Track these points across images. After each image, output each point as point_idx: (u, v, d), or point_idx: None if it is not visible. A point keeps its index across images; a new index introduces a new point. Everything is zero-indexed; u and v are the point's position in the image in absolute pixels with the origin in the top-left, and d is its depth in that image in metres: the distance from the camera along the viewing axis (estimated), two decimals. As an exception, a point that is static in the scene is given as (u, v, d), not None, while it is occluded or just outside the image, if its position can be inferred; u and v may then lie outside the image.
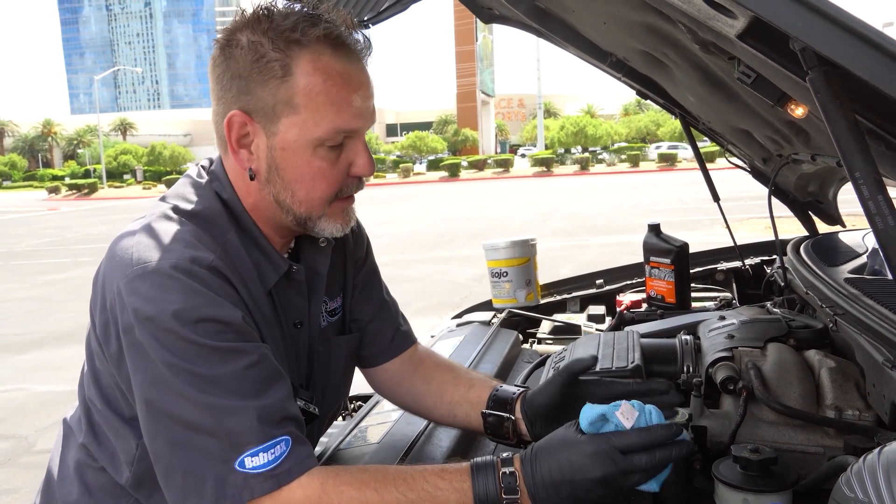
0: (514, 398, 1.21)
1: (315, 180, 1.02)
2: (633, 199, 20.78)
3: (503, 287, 2.32)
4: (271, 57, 0.96)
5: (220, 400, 0.90)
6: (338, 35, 0.98)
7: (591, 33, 1.84)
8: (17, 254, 15.48)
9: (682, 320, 1.67)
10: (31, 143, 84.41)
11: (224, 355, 0.92)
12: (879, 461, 0.67)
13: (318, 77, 0.97)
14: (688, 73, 1.53)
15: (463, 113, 70.14)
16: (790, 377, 1.25)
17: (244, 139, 1.02)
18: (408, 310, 4.44)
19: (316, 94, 0.97)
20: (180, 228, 0.99)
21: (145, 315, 0.91)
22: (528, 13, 1.98)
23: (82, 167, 67.04)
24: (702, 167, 2.11)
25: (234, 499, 0.89)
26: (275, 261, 1.08)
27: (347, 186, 1.06)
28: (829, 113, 0.62)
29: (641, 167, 40.97)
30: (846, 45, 0.55)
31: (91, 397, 1.08)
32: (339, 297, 1.26)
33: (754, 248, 2.43)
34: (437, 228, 15.88)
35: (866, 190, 0.62)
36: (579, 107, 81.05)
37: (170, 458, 0.92)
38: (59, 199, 42.90)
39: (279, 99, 0.97)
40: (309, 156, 1.00)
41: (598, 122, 59.81)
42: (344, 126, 0.99)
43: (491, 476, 0.93)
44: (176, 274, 0.92)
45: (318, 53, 0.97)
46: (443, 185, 37.31)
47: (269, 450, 0.90)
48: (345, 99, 0.98)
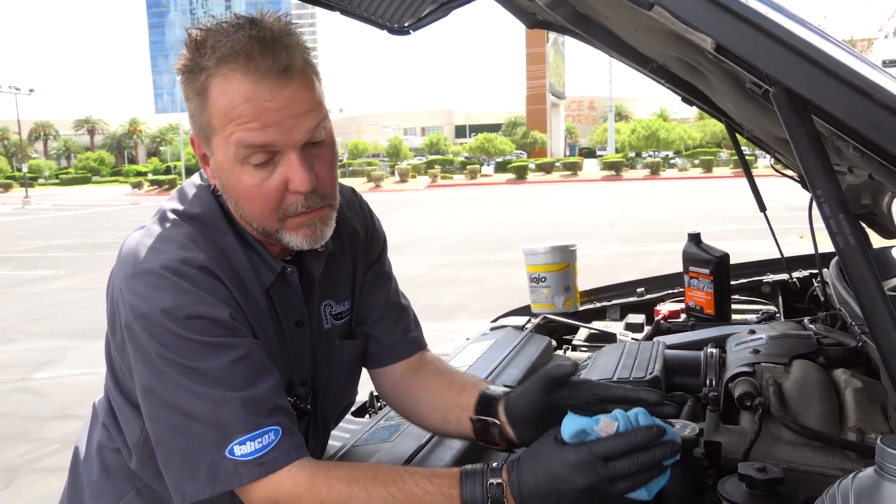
0: (497, 400, 1.16)
1: (251, 198, 1.02)
2: (704, 205, 20.21)
3: (541, 292, 2.32)
4: (193, 80, 0.99)
5: (210, 391, 0.95)
6: (248, 51, 0.95)
7: (630, 39, 1.82)
8: (102, 245, 16.34)
9: (711, 333, 1.64)
10: (119, 140, 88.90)
11: (213, 349, 0.96)
12: (853, 487, 0.65)
13: (225, 97, 0.96)
14: (722, 81, 1.49)
15: (532, 115, 69.74)
16: (812, 396, 1.21)
17: (204, 159, 1.07)
18: (465, 311, 4.48)
19: (224, 114, 0.97)
20: (177, 230, 1.05)
21: (140, 312, 0.97)
22: (569, 18, 1.96)
23: (164, 164, 70.10)
24: (747, 175, 2.05)
25: (225, 483, 0.94)
26: (268, 262, 1.11)
27: (291, 204, 1.02)
28: (792, 129, 0.60)
29: (715, 172, 39.73)
30: (787, 64, 0.54)
31: (108, 384, 1.15)
32: (348, 302, 1.27)
33: (805, 260, 2.34)
34: (501, 231, 15.85)
35: (827, 208, 0.60)
36: (651, 110, 79.26)
37: (169, 443, 0.98)
38: (142, 194, 45.03)
39: (204, 121, 1.00)
40: (238, 174, 1.01)
41: (671, 125, 58.39)
42: (250, 141, 0.97)
43: (479, 484, 0.94)
44: (166, 274, 0.98)
45: (227, 73, 0.96)
46: (509, 187, 37.18)
47: (257, 439, 0.95)
48: (250, 115, 0.96)
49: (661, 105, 77.42)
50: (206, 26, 0.99)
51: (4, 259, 14.52)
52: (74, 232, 20.08)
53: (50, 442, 4.71)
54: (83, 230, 20.55)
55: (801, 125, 0.60)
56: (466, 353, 1.91)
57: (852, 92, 0.54)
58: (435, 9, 1.96)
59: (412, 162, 59.06)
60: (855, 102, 0.55)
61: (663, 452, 0.91)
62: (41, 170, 69.54)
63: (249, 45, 0.94)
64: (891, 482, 0.63)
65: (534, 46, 66.64)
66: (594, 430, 0.93)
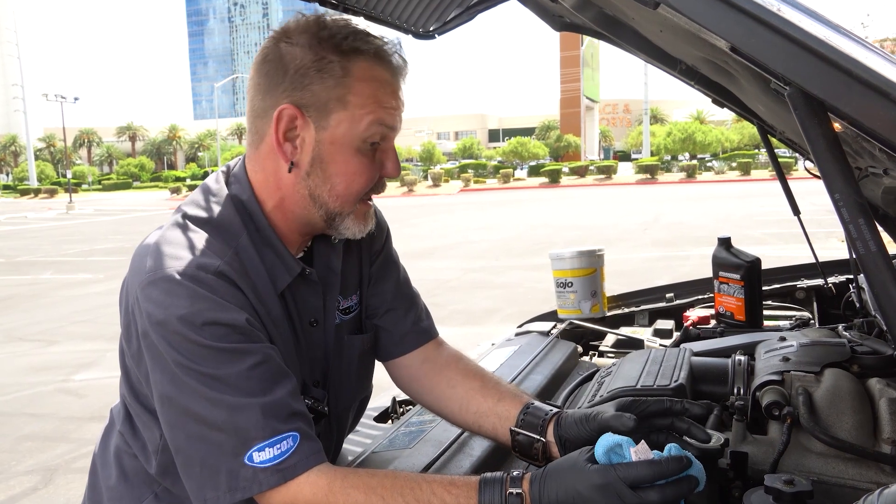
0: (547, 420, 1.15)
1: (356, 175, 1.09)
2: (741, 208, 19.82)
3: (568, 297, 2.29)
4: (332, 59, 1.04)
5: (228, 397, 0.95)
6: (388, 52, 1.09)
7: (657, 40, 1.79)
8: (140, 249, 16.66)
9: (741, 339, 1.59)
10: (159, 146, 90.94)
11: (230, 356, 0.97)
12: (879, 502, 0.62)
13: (372, 82, 1.06)
14: (750, 82, 1.46)
15: (566, 118, 69.30)
16: (844, 406, 1.16)
17: (290, 132, 1.07)
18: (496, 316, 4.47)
19: (367, 95, 1.06)
20: (191, 236, 1.05)
21: (156, 319, 0.97)
22: (597, 20, 1.94)
23: (202, 169, 71.40)
24: (780, 177, 2.00)
25: (245, 490, 0.95)
26: (288, 263, 1.12)
27: (376, 186, 1.13)
28: (808, 130, 0.58)
29: (753, 175, 38.96)
30: (799, 62, 0.52)
31: (123, 391, 1.16)
32: (355, 296, 1.28)
33: (841, 265, 2.27)
34: (534, 235, 15.76)
35: (846, 213, 0.57)
36: (688, 112, 78.14)
37: (187, 451, 0.98)
38: (180, 199, 45.76)
39: (333, 96, 1.05)
40: (354, 150, 1.07)
41: (707, 128, 57.49)
42: (387, 122, 1.08)
43: (498, 493, 0.93)
44: (183, 280, 0.98)
45: (372, 62, 1.07)
46: (543, 191, 36.99)
47: (275, 445, 0.95)
48: (388, 102, 1.08)
49: (698, 107, 76.28)
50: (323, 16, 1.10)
51: (48, 263, 14.91)
52: (115, 236, 20.54)
53: (88, 443, 4.81)
54: (123, 234, 21.00)
55: (817, 126, 0.57)
56: (491, 359, 1.90)
57: (868, 91, 0.51)
58: (460, 13, 1.96)
59: (445, 166, 59.14)
60: (871, 102, 0.52)
61: (689, 486, 0.90)
62: (85, 175, 71.38)
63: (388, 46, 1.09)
64: (918, 499, 0.60)
65: (568, 49, 66.24)
66: (630, 450, 0.92)
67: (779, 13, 0.53)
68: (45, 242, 19.63)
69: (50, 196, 56.74)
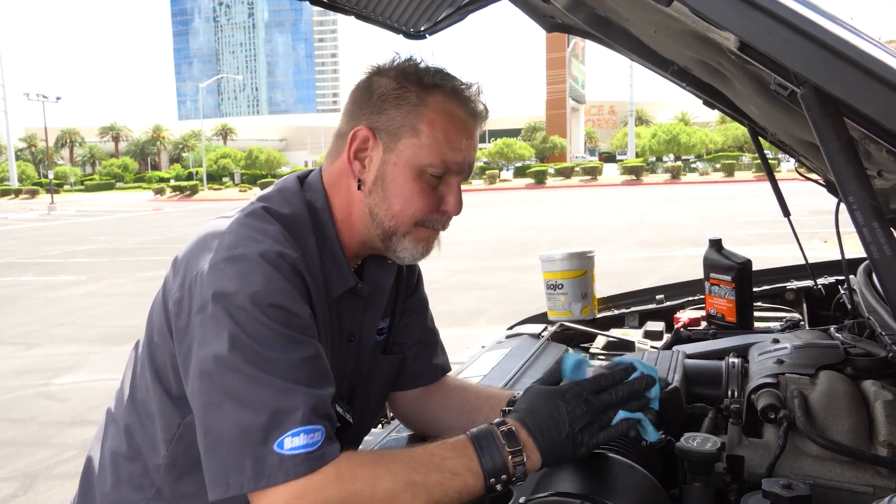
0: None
1: (412, 198, 1.13)
2: (725, 209, 19.99)
3: (558, 299, 2.28)
4: (412, 89, 1.12)
5: (275, 380, 0.95)
6: (467, 93, 1.15)
7: (650, 42, 1.79)
8: (124, 251, 16.54)
9: (733, 342, 1.59)
10: (142, 146, 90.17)
11: (287, 342, 0.98)
12: (887, 510, 0.61)
13: (444, 115, 1.12)
14: (745, 84, 1.45)
15: (552, 120, 69.55)
16: (839, 409, 1.16)
17: (361, 152, 1.14)
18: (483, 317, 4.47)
19: (437, 127, 1.11)
20: (270, 226, 1.07)
21: (224, 292, 0.97)
22: (588, 21, 1.93)
23: (186, 170, 70.98)
24: (771, 179, 2.00)
25: (270, 479, 0.93)
26: (345, 274, 1.16)
27: (435, 219, 1.17)
28: (822, 132, 0.57)
29: (737, 176, 39.31)
30: (817, 61, 0.51)
31: (143, 375, 1.14)
32: (388, 319, 1.32)
33: (830, 266, 2.28)
34: (520, 236, 15.79)
35: (860, 216, 0.56)
36: (673, 114, 78.69)
37: (217, 432, 0.95)
38: (164, 200, 45.59)
39: (406, 122, 1.11)
40: (415, 176, 1.12)
41: (692, 129, 57.98)
42: (450, 160, 1.12)
43: (492, 440, 0.99)
44: (262, 262, 1.00)
45: (448, 98, 1.13)
46: (528, 192, 37.10)
47: (311, 433, 0.94)
48: (457, 140, 1.13)
49: (683, 109, 76.86)
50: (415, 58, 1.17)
51: (29, 264, 14.73)
52: (98, 237, 20.34)
53: (69, 448, 4.74)
54: (106, 236, 20.82)
55: (832, 127, 0.56)
56: (482, 362, 1.88)
57: (888, 90, 0.50)
58: (451, 13, 1.94)
59: (431, 167, 58.87)
60: (891, 101, 0.51)
61: (640, 384, 1.05)
62: (67, 176, 70.71)
63: (468, 88, 1.15)
64: (928, 507, 0.59)
65: (554, 51, 66.49)
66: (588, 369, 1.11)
67: (799, 12, 0.52)
68: (26, 244, 19.41)
69: (31, 197, 56.15)
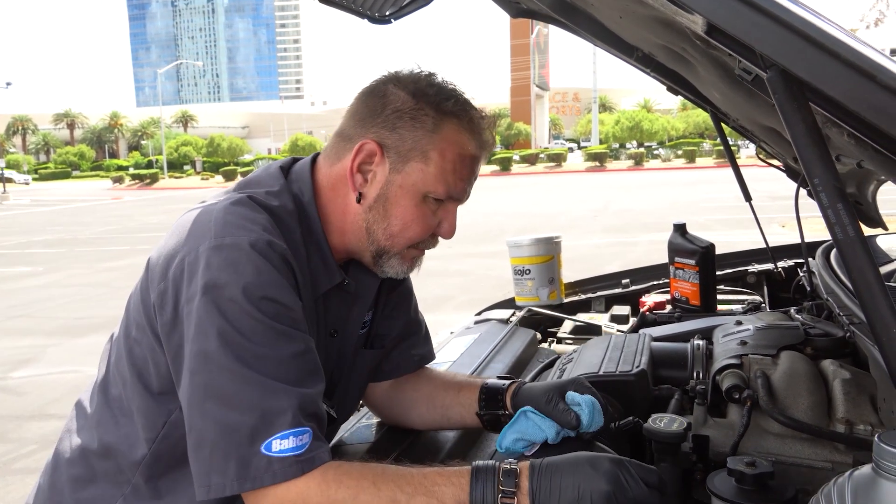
0: (504, 391, 1.25)
1: (413, 222, 1.13)
2: (688, 195, 20.31)
3: (526, 285, 2.29)
4: (428, 112, 1.10)
5: (264, 378, 0.93)
6: (481, 125, 1.15)
7: (615, 27, 1.79)
8: (82, 241, 16.12)
9: (698, 324, 1.62)
10: (99, 134, 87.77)
11: (277, 336, 0.96)
12: (849, 484, 0.63)
13: (456, 147, 1.11)
14: (708, 69, 1.47)
15: (516, 107, 69.64)
16: (800, 387, 1.19)
17: (366, 165, 1.12)
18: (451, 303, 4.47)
19: (448, 158, 1.11)
20: (258, 214, 1.04)
21: (214, 284, 0.95)
22: (554, 7, 1.93)
23: (145, 158, 69.40)
24: (733, 164, 2.04)
25: (255, 481, 0.91)
26: (332, 269, 1.15)
27: (428, 241, 1.18)
28: (788, 115, 0.57)
29: (698, 163, 39.96)
30: (785, 43, 0.51)
31: (119, 370, 1.11)
32: (371, 312, 1.31)
33: (790, 249, 2.33)
34: (486, 223, 15.82)
35: (825, 198, 0.57)
36: (636, 101, 79.52)
37: (201, 431, 0.94)
38: (123, 189, 44.53)
39: (417, 146, 1.10)
40: (418, 200, 1.12)
41: (654, 116, 58.66)
42: (454, 193, 1.13)
43: (490, 487, 0.92)
44: (252, 252, 0.97)
45: (462, 129, 1.12)
46: (494, 179, 37.18)
47: (299, 436, 0.93)
48: (464, 172, 1.13)
49: (645, 96, 77.70)
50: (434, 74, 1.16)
51: (-18, 256, 14.29)
52: (55, 227, 19.79)
53: (28, 442, 4.63)
54: (63, 226, 20.26)
55: (798, 111, 0.57)
56: (451, 348, 1.89)
57: (854, 73, 0.51)
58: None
59: (396, 154, 58.56)
60: (857, 85, 0.52)
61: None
62: (19, 164, 68.51)
63: (480, 120, 1.15)
64: (888, 480, 0.61)
65: (518, 38, 66.51)
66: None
67: (766, -5, 0.52)
68: (-21, 234, 18.80)
69: (-18, 186, 54.33)
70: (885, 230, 2.14)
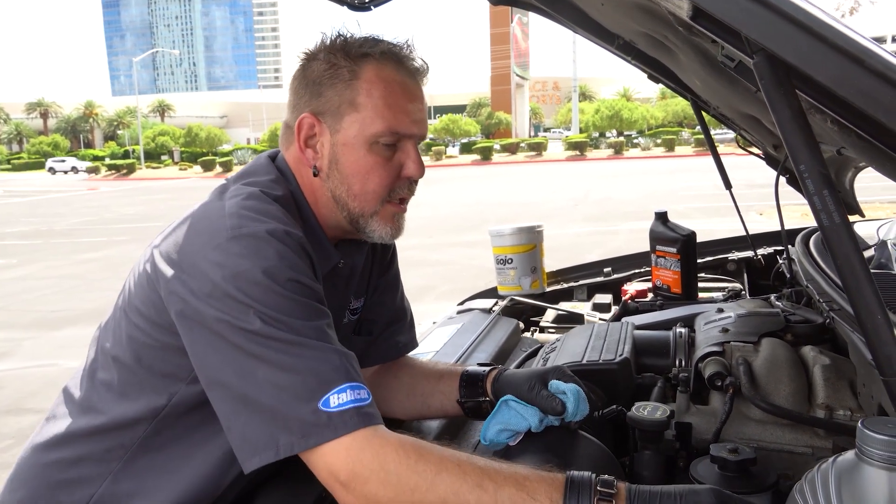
0: (484, 378, 1.26)
1: (369, 174, 1.11)
2: (667, 184, 20.45)
3: (508, 274, 2.29)
4: (342, 65, 1.10)
5: (310, 341, 0.94)
6: (399, 53, 1.13)
7: (596, 15, 1.79)
8: (58, 232, 15.87)
9: (680, 312, 1.63)
10: (74, 123, 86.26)
11: (310, 310, 0.98)
12: (832, 470, 0.63)
13: (380, 83, 1.10)
14: (689, 57, 1.47)
15: (497, 96, 69.53)
16: (781, 374, 1.20)
17: (311, 139, 1.13)
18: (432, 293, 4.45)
19: (376, 97, 1.09)
20: (271, 206, 1.06)
21: (235, 272, 0.95)
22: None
23: (122, 148, 68.42)
24: (713, 152, 2.05)
25: (318, 437, 0.91)
26: (328, 251, 1.16)
27: (399, 187, 1.15)
28: (774, 100, 0.57)
29: (677, 151, 40.24)
30: (772, 27, 0.51)
31: (114, 356, 1.11)
32: (363, 299, 1.31)
33: (769, 237, 2.35)
34: (467, 212, 15.83)
35: (811, 184, 0.57)
36: (615, 90, 79.77)
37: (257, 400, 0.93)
38: (99, 179, 43.88)
39: (344, 99, 1.10)
40: (365, 151, 1.11)
41: (634, 105, 58.91)
42: (397, 128, 1.11)
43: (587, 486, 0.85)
44: (271, 239, 0.99)
45: (381, 64, 1.11)
46: (475, 168, 37.19)
47: (356, 390, 0.93)
48: (400, 105, 1.11)
49: (625, 85, 77.95)
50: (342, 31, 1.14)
51: (-45, 248, 14.02)
52: (29, 219, 19.46)
53: (4, 437, 4.56)
54: (39, 217, 19.93)
55: (784, 96, 0.57)
56: (433, 338, 1.88)
57: (843, 58, 0.51)
58: (396, -16, 1.90)
59: (377, 144, 58.25)
60: (845, 69, 0.52)
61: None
62: (-8, 155, 67.26)
63: (399, 48, 1.13)
64: (871, 466, 0.61)
65: (498, 26, 66.32)
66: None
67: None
68: (-49, 226, 18.43)
69: (-46, 177, 53.22)
70: (862, 217, 2.17)
